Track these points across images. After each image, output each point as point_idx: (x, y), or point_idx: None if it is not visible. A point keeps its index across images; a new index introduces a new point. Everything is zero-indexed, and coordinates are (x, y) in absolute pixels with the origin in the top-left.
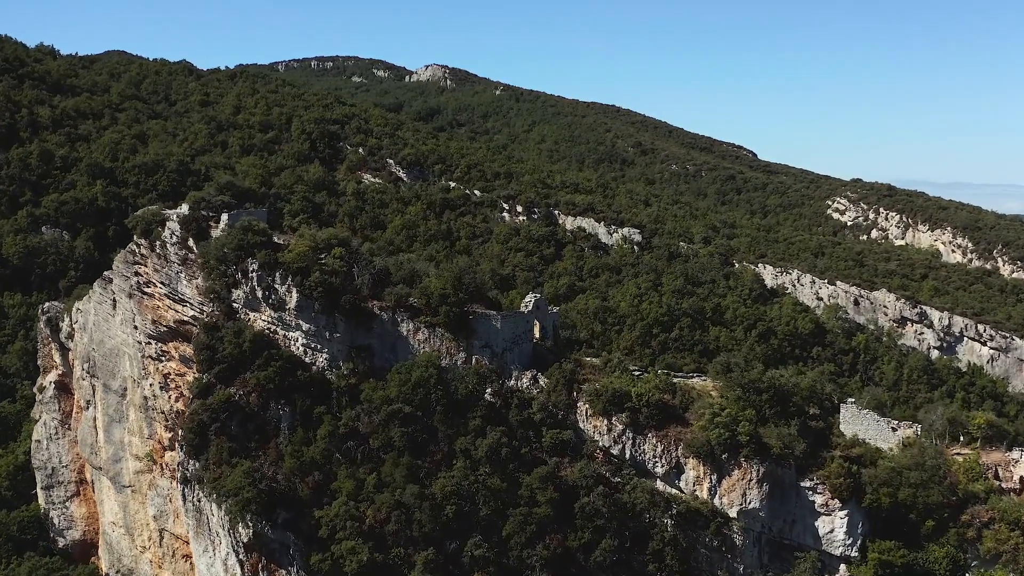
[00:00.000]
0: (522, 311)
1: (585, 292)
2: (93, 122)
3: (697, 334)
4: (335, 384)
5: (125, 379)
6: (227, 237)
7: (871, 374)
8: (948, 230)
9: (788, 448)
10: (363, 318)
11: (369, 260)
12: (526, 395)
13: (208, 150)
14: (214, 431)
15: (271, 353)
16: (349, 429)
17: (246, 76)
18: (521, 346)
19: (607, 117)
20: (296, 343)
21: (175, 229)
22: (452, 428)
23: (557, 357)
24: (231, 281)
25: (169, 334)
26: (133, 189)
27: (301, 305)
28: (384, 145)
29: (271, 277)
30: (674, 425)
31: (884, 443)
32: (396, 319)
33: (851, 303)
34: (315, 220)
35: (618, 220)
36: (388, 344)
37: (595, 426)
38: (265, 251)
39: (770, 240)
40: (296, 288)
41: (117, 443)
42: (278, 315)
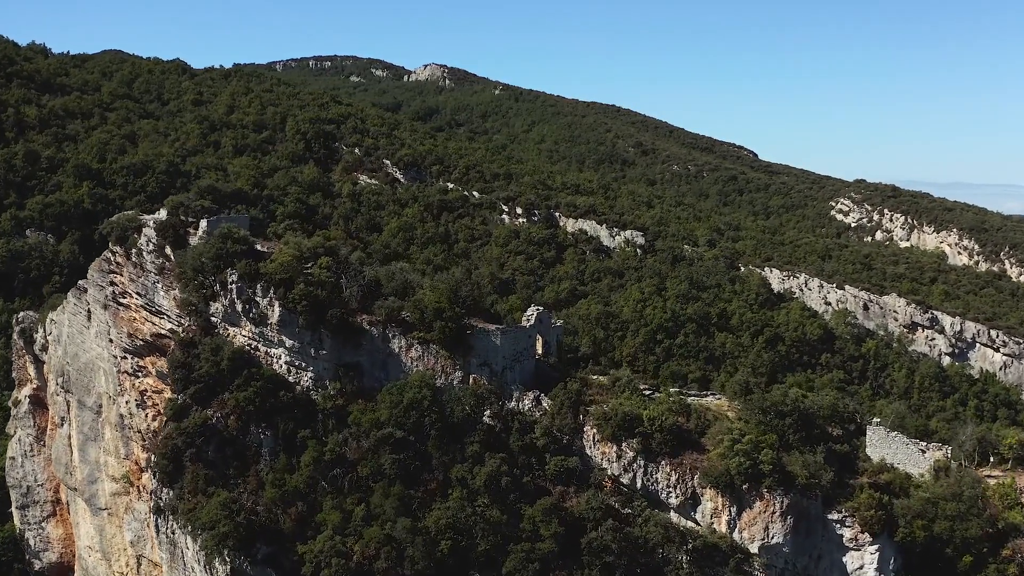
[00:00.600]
0: (523, 325)
1: (587, 297)
2: (82, 122)
3: (702, 340)
4: (321, 406)
5: (100, 395)
6: (205, 246)
7: (881, 381)
8: (954, 232)
9: (814, 478)
10: (351, 334)
11: (358, 270)
12: (528, 418)
13: (200, 151)
14: (189, 457)
15: (252, 372)
16: (335, 455)
17: (241, 75)
18: (522, 363)
19: (607, 117)
20: (279, 361)
21: (151, 236)
22: (447, 455)
23: (561, 375)
24: (209, 293)
25: (146, 348)
26: (121, 191)
27: (284, 320)
28: (381, 145)
29: (252, 289)
30: (689, 452)
31: (914, 468)
32: (387, 335)
33: (860, 308)
34: (309, 222)
35: (620, 222)
36: (378, 362)
37: (603, 452)
38: (245, 261)
39: (775, 243)
40: (279, 301)
41: (92, 463)
42: (259, 330)
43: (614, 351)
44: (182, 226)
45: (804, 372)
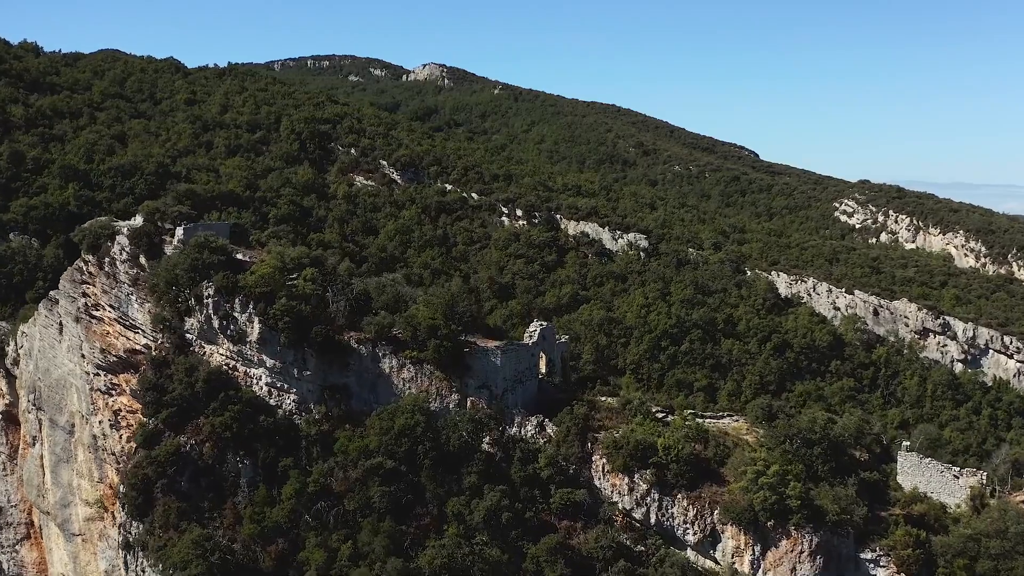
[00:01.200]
0: (525, 342)
1: (589, 302)
2: (70, 121)
3: (708, 347)
4: (304, 431)
5: (73, 414)
6: (179, 256)
7: (892, 390)
8: (960, 233)
9: (846, 513)
10: (338, 352)
11: (346, 282)
12: (531, 446)
13: (192, 151)
14: (161, 488)
15: (229, 394)
16: (320, 487)
17: (235, 74)
18: (525, 384)
19: (608, 117)
20: (259, 382)
21: (124, 244)
22: (443, 486)
23: (567, 398)
24: (183, 308)
25: (120, 365)
26: (108, 193)
27: (264, 337)
28: (377, 146)
29: (229, 304)
30: (708, 484)
31: (950, 497)
32: (377, 354)
33: (870, 313)
34: (303, 225)
35: (623, 225)
36: (367, 383)
37: (614, 484)
38: (223, 273)
39: (781, 245)
40: (258, 317)
41: (65, 486)
42: (238, 349)
43: (617, 358)
44: (157, 234)
45: (813, 380)
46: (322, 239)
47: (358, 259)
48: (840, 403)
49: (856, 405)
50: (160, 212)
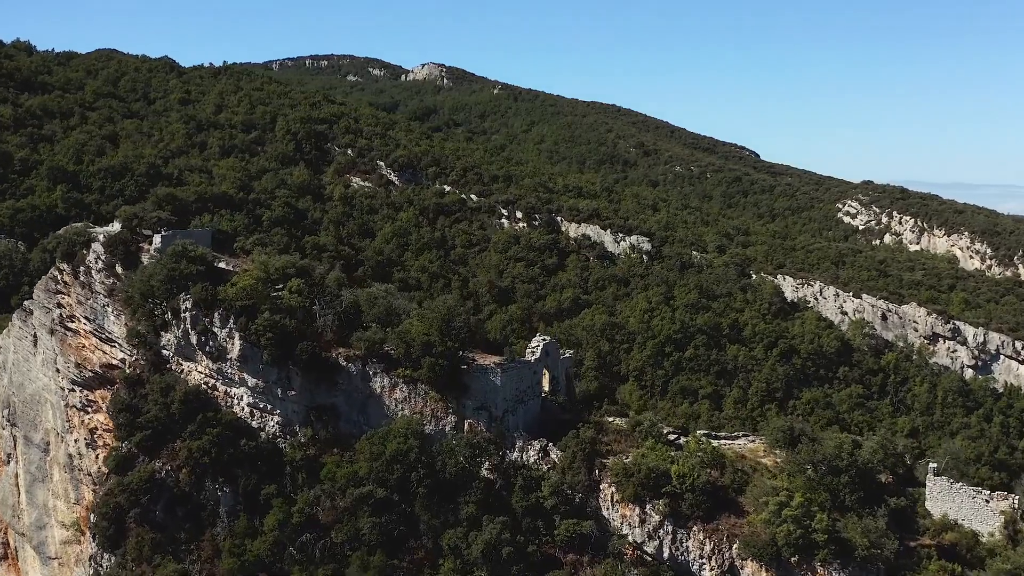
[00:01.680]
0: (527, 359)
1: (591, 307)
2: (61, 121)
3: (713, 353)
4: (289, 456)
5: (48, 431)
6: (155, 266)
7: (902, 396)
8: (965, 235)
9: (876, 547)
10: (325, 370)
11: (335, 294)
12: (534, 472)
13: (185, 151)
14: (134, 517)
15: (208, 416)
16: (306, 517)
17: (230, 73)
18: (527, 404)
19: (608, 117)
20: (240, 402)
21: (100, 252)
22: (438, 517)
23: (572, 418)
24: (159, 322)
25: (96, 380)
26: (97, 195)
27: (246, 354)
28: (375, 146)
29: (208, 318)
30: (726, 514)
31: (982, 525)
32: (367, 372)
33: (878, 318)
34: (298, 228)
35: (625, 227)
36: (357, 404)
37: (624, 515)
38: (202, 284)
39: (787, 248)
40: (239, 332)
41: (40, 507)
42: (217, 366)
43: (620, 365)
44: (134, 242)
45: (821, 387)
46: (317, 242)
47: (354, 262)
48: (849, 411)
49: (865, 413)
50: (138, 218)
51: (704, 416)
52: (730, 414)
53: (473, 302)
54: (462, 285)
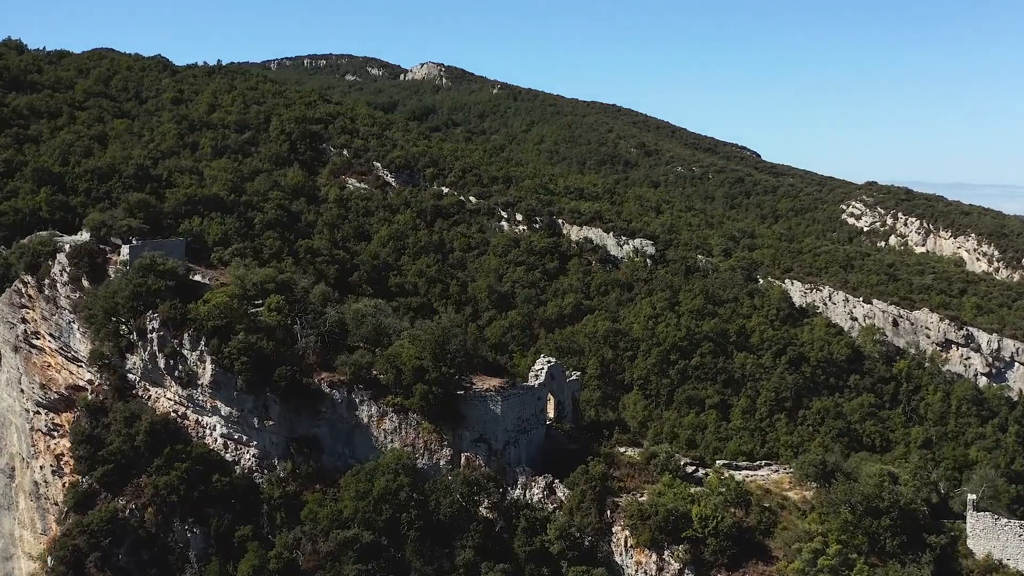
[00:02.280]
0: (530, 384)
1: (593, 312)
2: (48, 121)
3: (720, 361)
4: (266, 493)
5: (13, 456)
6: (120, 281)
7: (914, 405)
8: (972, 237)
9: None
10: (307, 398)
11: (319, 311)
12: (539, 513)
13: (176, 152)
14: (94, 561)
15: (176, 449)
16: (284, 563)
17: (225, 72)
18: (530, 434)
19: (608, 117)
20: (213, 433)
21: (65, 264)
22: (432, 564)
23: (580, 449)
24: (124, 343)
25: (62, 402)
26: (83, 197)
27: (218, 380)
28: (371, 147)
29: (177, 339)
30: (753, 561)
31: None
32: (353, 400)
33: (889, 324)
34: (291, 231)
35: (628, 230)
36: (342, 435)
37: (639, 562)
38: (170, 302)
39: (793, 251)
40: (211, 356)
41: (7, 536)
42: (188, 393)
43: (624, 373)
44: (100, 253)
45: (831, 396)
46: (311, 246)
47: (349, 267)
48: (860, 421)
49: (877, 423)
50: (107, 226)
51: (711, 427)
52: (738, 425)
53: (472, 308)
54: (460, 290)
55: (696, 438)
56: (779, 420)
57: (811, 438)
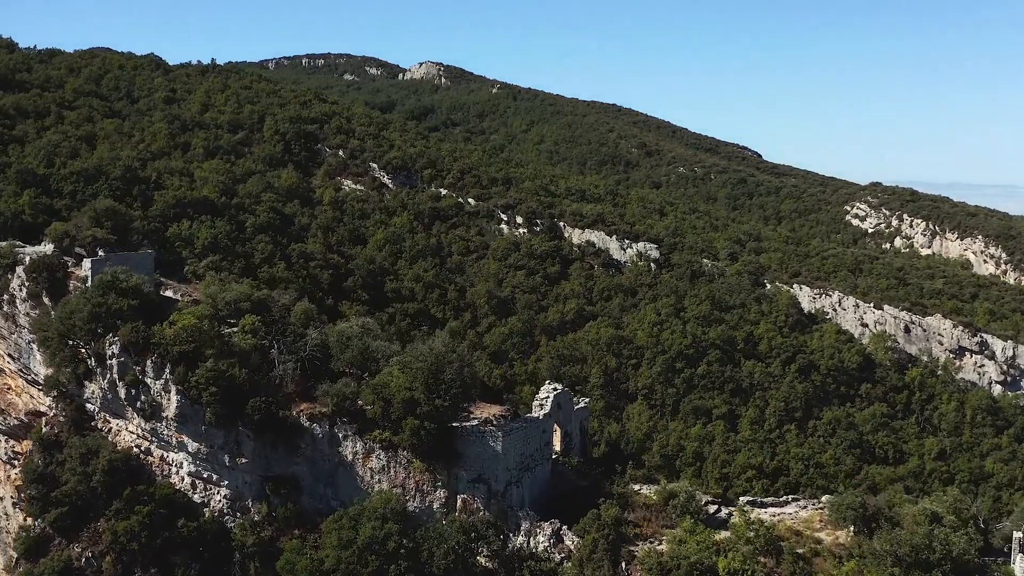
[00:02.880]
0: (535, 415)
1: (596, 319)
2: (35, 121)
3: (728, 369)
4: (239, 540)
5: None
6: (78, 300)
7: (928, 415)
8: (979, 238)
9: None
10: (284, 432)
11: (299, 333)
12: (545, 564)
13: (167, 153)
14: None
15: (138, 490)
16: None
17: (218, 71)
18: (534, 472)
19: (608, 116)
20: (179, 471)
21: (24, 279)
22: None
23: (590, 487)
24: (82, 369)
25: (22, 429)
26: (68, 200)
27: (185, 412)
28: (367, 147)
29: (140, 366)
30: None
31: None
32: (336, 434)
33: (901, 330)
34: (284, 234)
35: (632, 233)
36: (323, 474)
37: None
38: (132, 324)
39: (800, 255)
40: (176, 385)
41: None
42: (151, 426)
43: (628, 382)
44: (61, 267)
45: (842, 406)
46: (304, 250)
47: (344, 271)
48: (872, 432)
49: (889, 433)
50: (70, 237)
51: (719, 439)
52: (746, 436)
53: (470, 314)
54: (459, 296)
55: (703, 450)
56: (789, 431)
57: (822, 450)
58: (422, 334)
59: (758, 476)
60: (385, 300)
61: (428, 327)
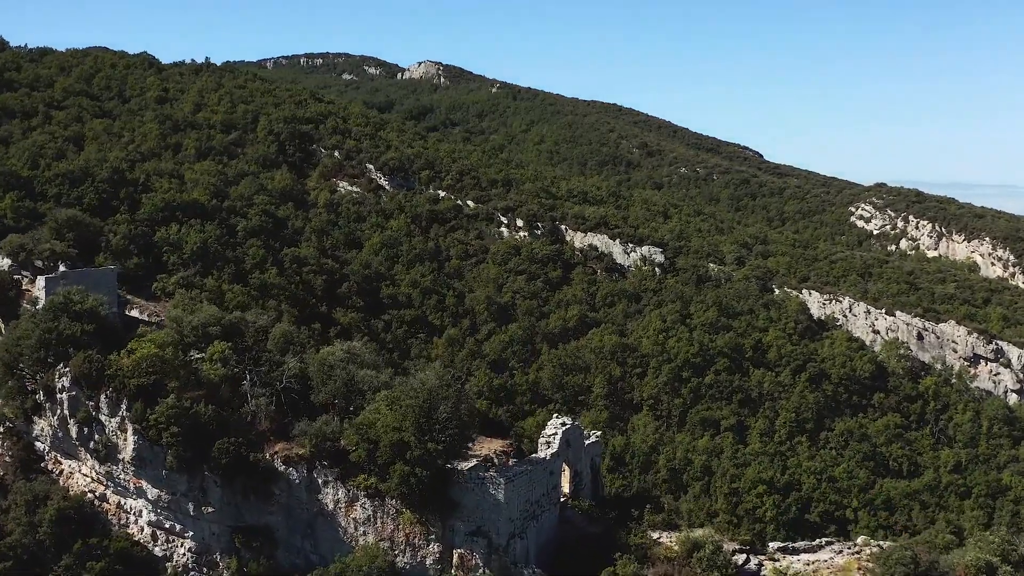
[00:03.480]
0: (541, 455)
1: (599, 326)
2: (21, 121)
3: (736, 379)
4: None
5: None
6: (27, 324)
7: (942, 425)
8: (987, 241)
9: None
10: (257, 478)
11: (276, 361)
12: None
13: (157, 154)
14: None
15: (91, 543)
16: None
17: (212, 70)
18: (540, 519)
19: (609, 116)
20: (138, 520)
21: None
22: None
23: (603, 535)
24: (30, 404)
25: None
26: (52, 203)
27: (143, 455)
28: (364, 148)
29: (93, 401)
30: None
31: None
32: (316, 480)
33: (914, 337)
34: (276, 238)
35: (635, 237)
36: (301, 524)
37: None
38: (85, 353)
39: (808, 258)
40: (135, 424)
41: None
42: (107, 469)
43: (632, 392)
44: (14, 285)
45: (855, 416)
46: (297, 254)
47: (338, 277)
48: (886, 444)
49: (903, 445)
50: (26, 251)
51: (728, 451)
52: (756, 449)
53: (469, 321)
54: (457, 302)
55: (712, 464)
56: (800, 443)
57: (835, 463)
58: (415, 366)
59: (769, 491)
60: (381, 307)
61: (425, 334)
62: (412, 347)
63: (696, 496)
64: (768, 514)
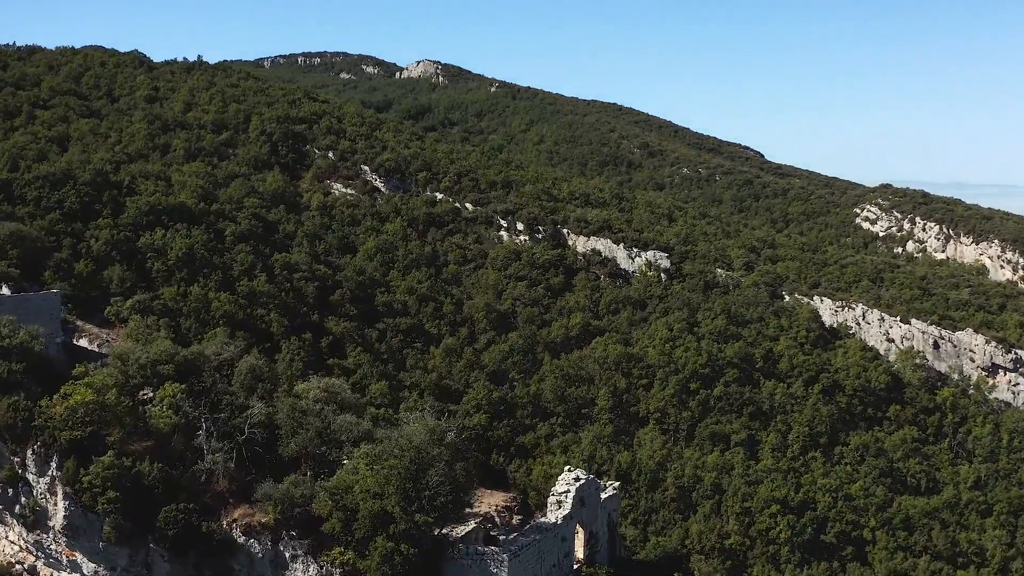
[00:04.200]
0: (551, 518)
1: (603, 334)
2: (3, 122)
3: (747, 391)
4: None
5: None
6: None
7: (960, 439)
8: (995, 243)
9: None
10: (212, 551)
11: (240, 404)
12: None
13: (144, 155)
14: None
15: None
16: None
17: (205, 68)
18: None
19: (609, 116)
20: None
21: None
22: None
23: None
24: None
25: None
26: (32, 208)
27: (76, 523)
28: (359, 148)
29: (19, 457)
30: None
31: None
32: (282, 554)
33: (929, 346)
34: (267, 243)
35: (640, 241)
36: None
37: None
38: (10, 399)
39: (818, 263)
40: (66, 487)
41: None
42: (35, 538)
43: (638, 404)
44: None
45: (870, 430)
46: (288, 260)
47: (331, 283)
48: (903, 458)
49: (921, 460)
50: None
51: (738, 468)
52: (768, 465)
53: (468, 329)
54: (455, 309)
55: (722, 481)
56: (814, 459)
57: (851, 480)
58: (407, 404)
59: (783, 511)
60: (375, 315)
61: (422, 344)
62: (408, 357)
63: (706, 516)
64: (782, 535)
